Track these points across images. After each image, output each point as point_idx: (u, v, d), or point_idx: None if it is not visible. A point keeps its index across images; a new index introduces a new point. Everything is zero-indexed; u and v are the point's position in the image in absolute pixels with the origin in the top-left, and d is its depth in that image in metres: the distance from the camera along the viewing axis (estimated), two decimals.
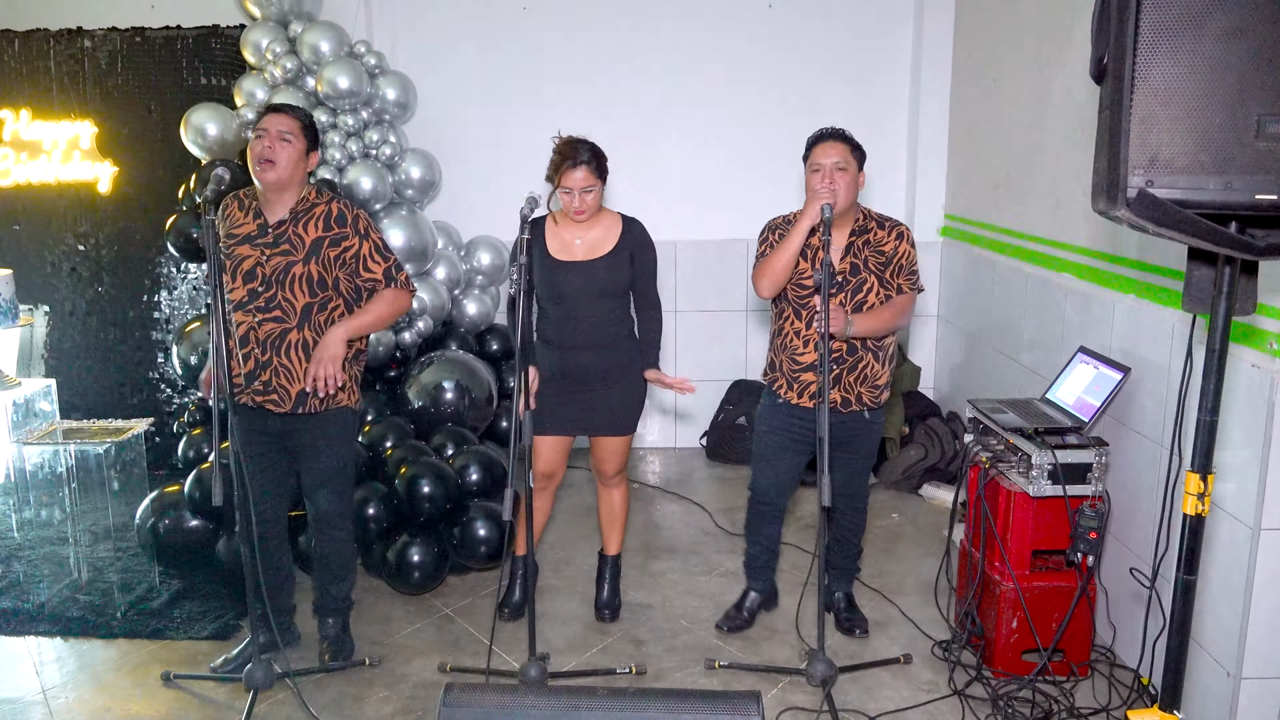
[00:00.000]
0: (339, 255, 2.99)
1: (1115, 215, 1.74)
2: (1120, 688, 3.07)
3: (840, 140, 3.12)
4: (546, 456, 3.41)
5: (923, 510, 4.63)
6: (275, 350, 2.99)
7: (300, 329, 2.99)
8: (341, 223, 3.00)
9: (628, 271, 3.31)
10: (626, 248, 3.30)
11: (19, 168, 5.08)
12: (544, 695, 1.82)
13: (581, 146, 3.17)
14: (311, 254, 2.96)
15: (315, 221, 2.99)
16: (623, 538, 3.68)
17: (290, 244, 2.97)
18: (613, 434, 3.43)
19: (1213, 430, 1.92)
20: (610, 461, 3.50)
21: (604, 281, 3.26)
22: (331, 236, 2.99)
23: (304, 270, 2.95)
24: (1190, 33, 1.65)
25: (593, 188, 3.17)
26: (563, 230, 3.29)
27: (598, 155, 3.20)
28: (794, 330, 3.21)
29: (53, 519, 4.46)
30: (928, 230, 5.29)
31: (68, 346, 5.28)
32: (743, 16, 5.23)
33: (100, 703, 3.12)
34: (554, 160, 3.18)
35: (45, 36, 5.06)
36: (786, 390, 3.26)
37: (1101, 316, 3.45)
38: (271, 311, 2.97)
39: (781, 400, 3.28)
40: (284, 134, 2.91)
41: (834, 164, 3.07)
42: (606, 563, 3.66)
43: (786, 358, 3.25)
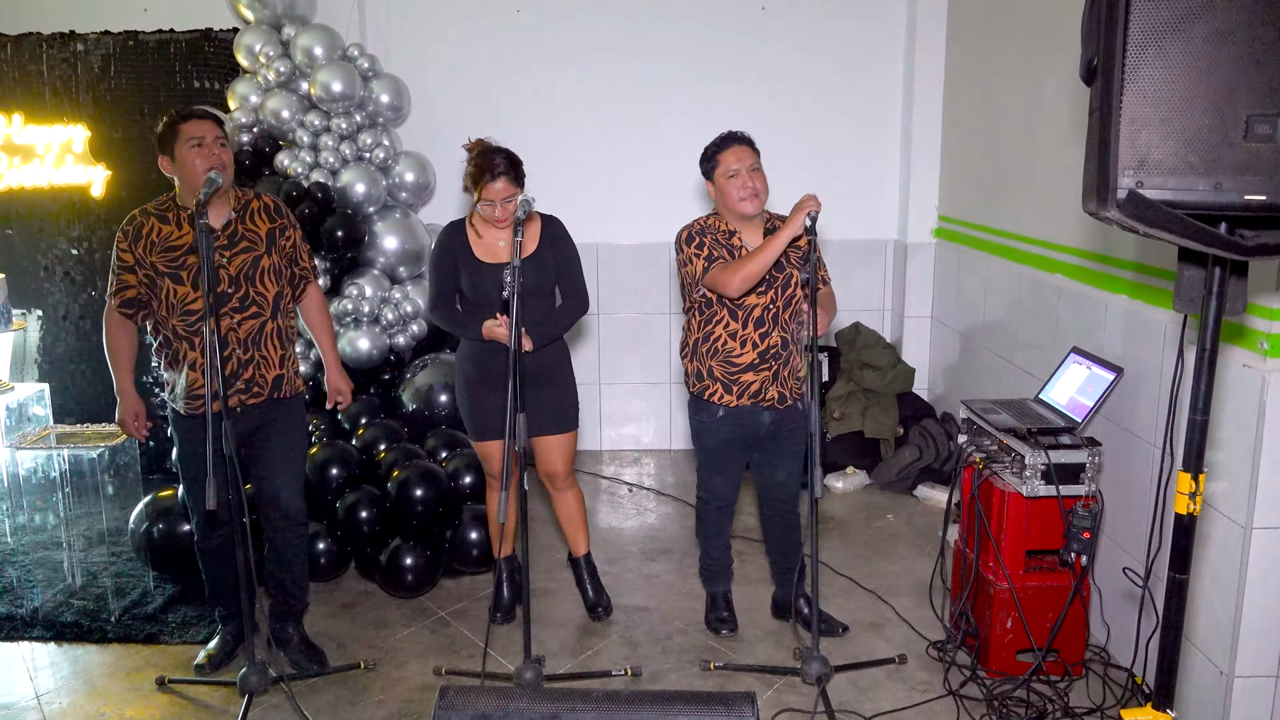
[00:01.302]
0: (284, 245, 3.16)
1: (1106, 216, 1.74)
2: (1114, 687, 3.07)
3: (748, 144, 3.19)
4: (498, 458, 3.42)
5: (917, 511, 4.64)
6: (256, 345, 3.07)
7: (274, 318, 3.12)
8: (279, 214, 3.18)
9: (553, 269, 3.35)
10: (549, 245, 3.35)
11: (12, 172, 5.06)
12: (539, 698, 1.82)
13: (497, 157, 3.19)
14: (270, 245, 3.10)
15: (258, 215, 3.12)
16: (588, 535, 3.67)
17: (248, 240, 3.06)
18: (557, 431, 3.43)
19: (1204, 430, 1.92)
20: (558, 462, 3.47)
21: (533, 281, 3.28)
22: (278, 227, 3.15)
23: (270, 262, 3.09)
24: (1179, 34, 1.65)
25: (513, 196, 3.19)
26: (486, 232, 3.31)
27: (514, 164, 3.22)
28: (729, 333, 3.20)
29: (46, 524, 4.45)
30: (921, 231, 5.31)
31: (61, 351, 5.27)
32: (736, 18, 5.24)
33: (94, 708, 3.11)
34: (471, 173, 3.22)
35: (38, 40, 5.05)
36: (724, 395, 3.23)
37: (1094, 317, 3.46)
38: (248, 309, 3.05)
39: (721, 411, 3.25)
40: (219, 139, 2.98)
41: (750, 167, 3.13)
42: (580, 565, 3.67)
43: (719, 362, 3.22)
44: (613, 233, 5.40)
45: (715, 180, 3.20)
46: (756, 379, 3.20)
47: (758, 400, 3.22)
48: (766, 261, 3.01)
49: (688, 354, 3.34)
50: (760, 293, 3.15)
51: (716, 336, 3.22)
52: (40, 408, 4.41)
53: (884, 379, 5.01)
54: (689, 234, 3.24)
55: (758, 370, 3.20)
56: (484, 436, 3.41)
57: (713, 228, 3.23)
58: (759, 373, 3.20)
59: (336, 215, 4.35)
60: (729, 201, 3.16)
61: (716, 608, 3.57)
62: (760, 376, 3.20)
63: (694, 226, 3.26)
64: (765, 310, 3.17)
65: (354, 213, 4.41)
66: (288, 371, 3.17)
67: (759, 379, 3.21)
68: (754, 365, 3.19)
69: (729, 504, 3.48)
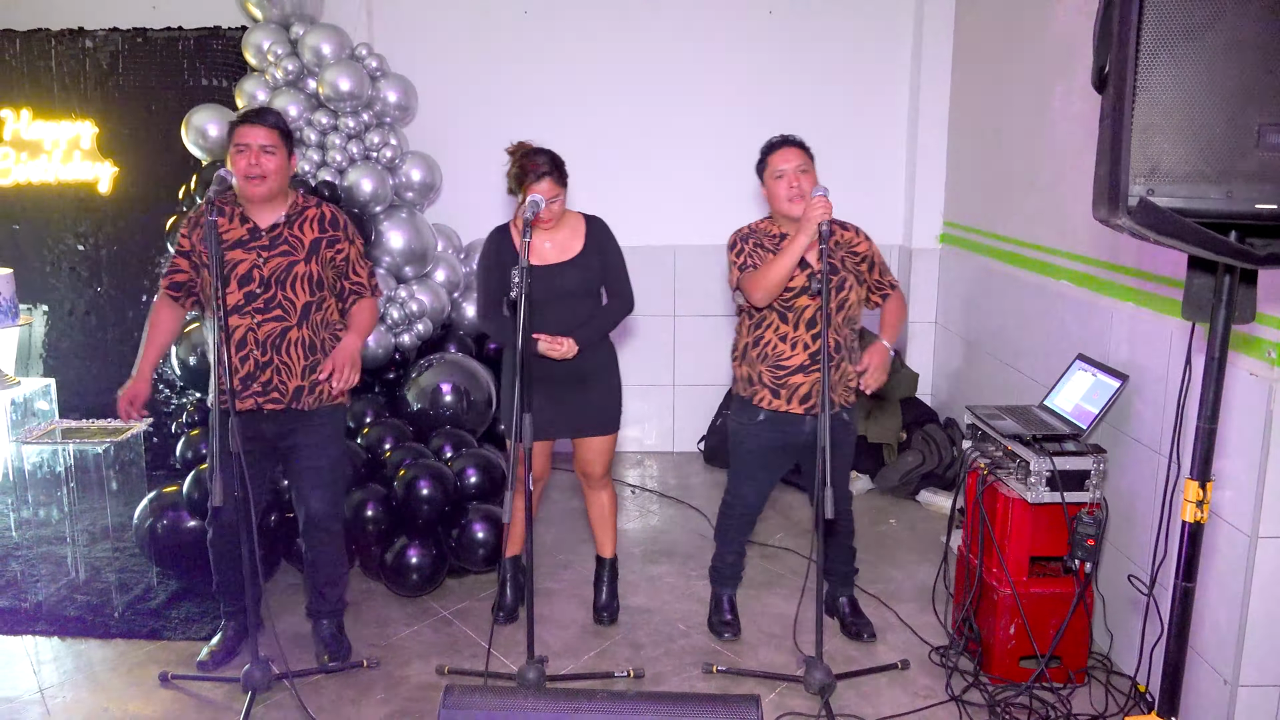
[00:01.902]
0: (332, 257, 3.13)
1: (1116, 223, 1.74)
2: (1117, 695, 3.07)
3: (798, 146, 3.18)
4: (533, 461, 3.42)
5: (920, 516, 4.64)
6: (275, 349, 3.05)
7: (300, 326, 3.07)
8: (335, 226, 3.14)
9: (599, 270, 3.35)
10: (594, 246, 3.35)
11: (19, 167, 5.08)
12: (543, 698, 1.82)
13: (541, 157, 3.20)
14: (311, 254, 3.07)
15: (310, 223, 3.10)
16: (615, 539, 3.68)
17: (289, 245, 3.05)
18: (597, 434, 3.43)
19: (1212, 438, 1.93)
20: (596, 463, 3.49)
21: (577, 282, 3.29)
22: (328, 238, 3.12)
23: (305, 270, 3.05)
24: (1191, 42, 1.66)
25: (558, 197, 3.21)
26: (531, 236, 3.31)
27: (558, 164, 3.23)
28: (778, 336, 3.20)
29: (51, 518, 4.46)
30: (926, 237, 5.31)
31: (66, 346, 5.28)
32: (743, 22, 5.24)
33: (98, 703, 3.12)
34: (515, 173, 3.23)
35: (47, 36, 5.06)
36: (771, 400, 3.23)
37: (1100, 324, 3.46)
38: (272, 312, 3.03)
39: (764, 415, 3.24)
40: (266, 148, 2.97)
41: (797, 168, 3.12)
42: (604, 565, 3.66)
43: (768, 367, 3.21)
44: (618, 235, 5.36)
45: (765, 181, 3.20)
46: (806, 381, 3.17)
47: (809, 406, 3.17)
48: (784, 268, 3.03)
49: (738, 358, 3.34)
50: (812, 295, 3.13)
51: (766, 340, 3.22)
52: (45, 403, 4.42)
53: (887, 384, 5.00)
54: (734, 240, 3.26)
55: (807, 372, 3.16)
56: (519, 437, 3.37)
57: (763, 231, 3.24)
58: (809, 375, 3.16)
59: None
60: (776, 202, 3.17)
61: (720, 610, 3.57)
62: (810, 379, 3.16)
63: (741, 232, 3.26)
64: (818, 311, 3.14)
65: (360, 211, 4.42)
66: (309, 385, 3.10)
67: (809, 381, 3.16)
68: (804, 367, 3.17)
69: (754, 512, 3.46)
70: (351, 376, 3.08)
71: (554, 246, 3.32)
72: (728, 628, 3.51)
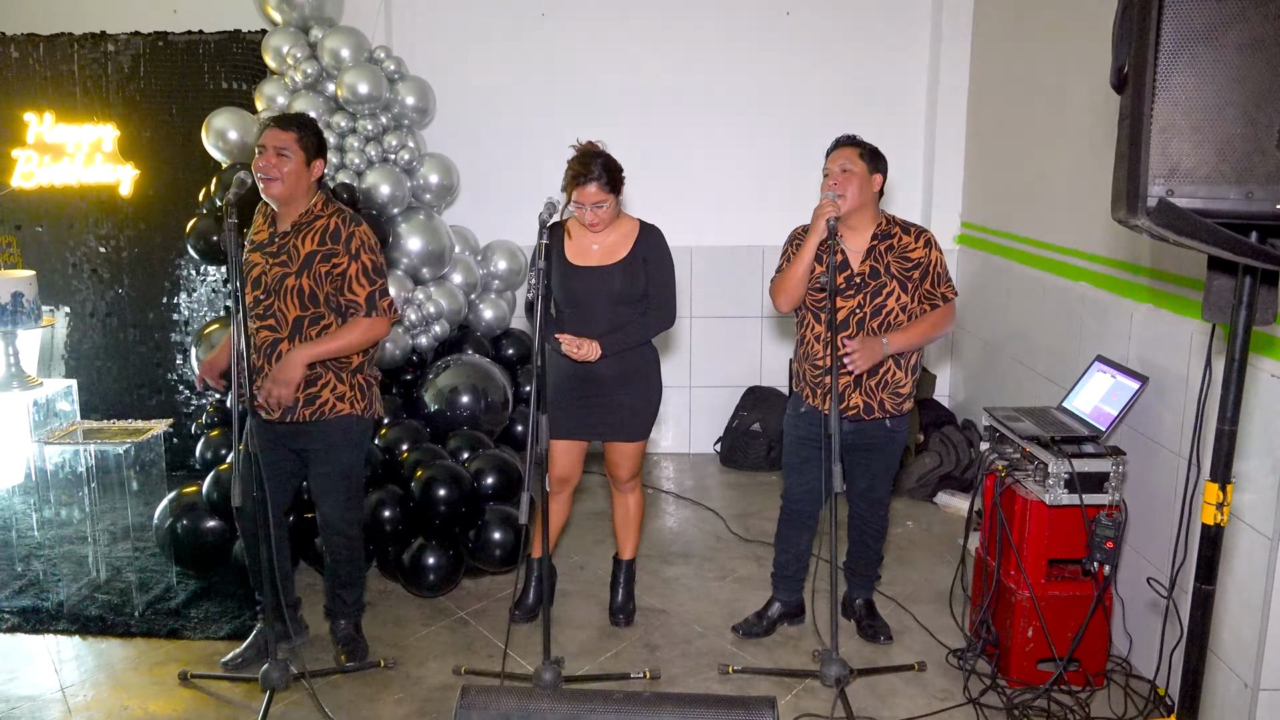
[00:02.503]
0: (328, 271, 3.01)
1: (1135, 224, 1.74)
2: (1136, 698, 3.05)
3: (850, 145, 3.17)
4: (562, 461, 3.42)
5: (937, 518, 4.62)
6: (268, 358, 3.05)
7: (291, 340, 3.03)
8: (335, 239, 3.01)
9: (643, 277, 3.32)
10: (641, 254, 3.32)
11: (42, 170, 5.13)
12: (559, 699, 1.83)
13: (594, 162, 3.19)
14: (304, 268, 3.00)
15: (313, 235, 3.02)
16: (638, 542, 3.68)
17: (288, 255, 3.01)
18: (627, 439, 3.43)
19: (1232, 440, 1.91)
20: (624, 466, 3.50)
21: (619, 287, 3.28)
22: (324, 252, 3.00)
23: (295, 283, 3.00)
24: (1211, 43, 1.65)
25: (604, 202, 3.21)
26: (580, 235, 3.32)
27: (610, 170, 3.22)
28: (814, 336, 3.22)
29: (72, 518, 4.50)
30: (944, 238, 5.28)
31: (88, 347, 5.32)
32: (761, 23, 5.24)
33: (118, 701, 3.14)
34: (568, 174, 3.22)
35: (69, 40, 5.11)
36: (812, 398, 3.27)
37: (1119, 325, 3.44)
38: (267, 320, 3.04)
39: (805, 409, 3.29)
40: (280, 149, 2.95)
41: (840, 168, 3.12)
42: (621, 567, 3.67)
43: (808, 365, 3.25)
44: None
45: None
46: (839, 383, 3.16)
47: (840, 407, 3.16)
48: (798, 269, 3.05)
49: (795, 356, 3.37)
50: (847, 296, 3.13)
51: (806, 340, 3.25)
52: (67, 403, 4.46)
53: None
54: (790, 236, 3.27)
55: (839, 374, 3.15)
56: (553, 435, 3.34)
57: None
58: (840, 376, 3.15)
59: (361, 216, 4.37)
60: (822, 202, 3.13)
61: (760, 613, 3.55)
62: (842, 381, 3.15)
63: (796, 231, 3.27)
64: (851, 314, 3.15)
65: (378, 214, 4.44)
66: (303, 399, 3.06)
67: (840, 384, 3.16)
68: None
69: (800, 510, 3.41)
70: (279, 393, 2.97)
71: (601, 249, 3.31)
72: (747, 626, 3.51)
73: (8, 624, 3.62)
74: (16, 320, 4.24)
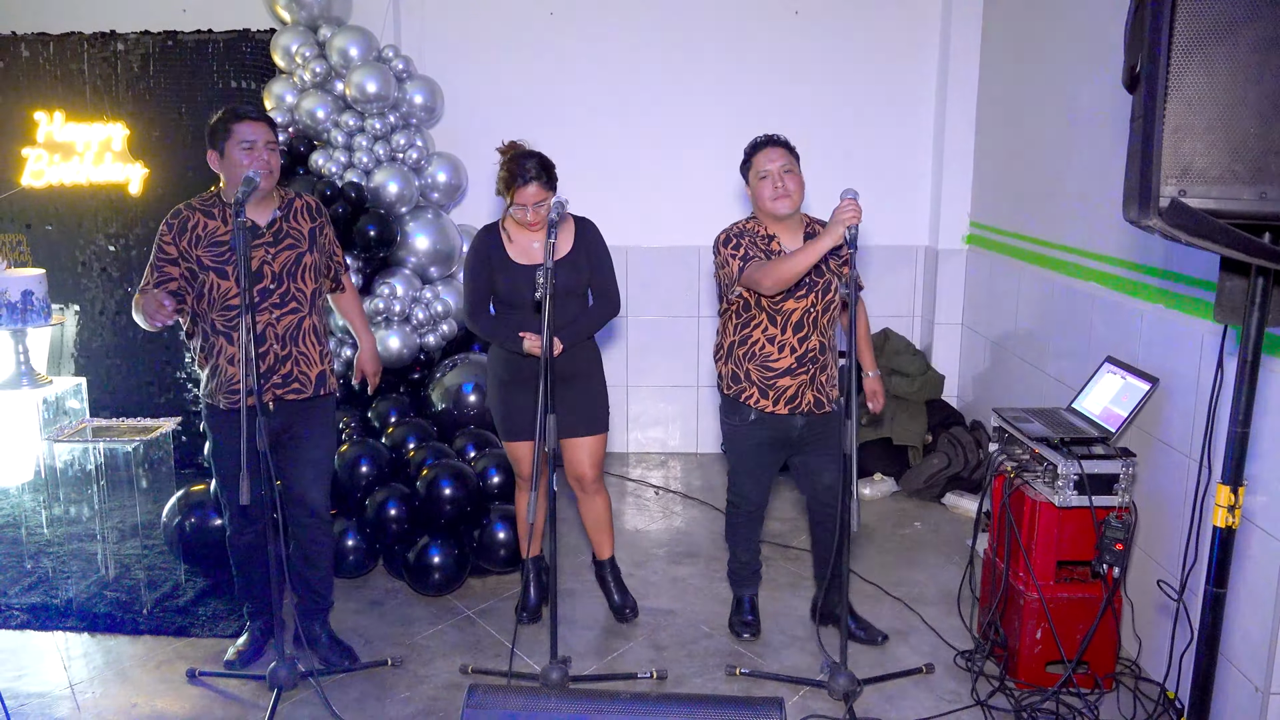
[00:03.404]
0: (325, 242, 3.24)
1: (1147, 224, 1.73)
2: (1146, 701, 3.04)
3: (781, 145, 3.19)
4: (527, 460, 3.42)
5: (945, 519, 4.61)
6: (294, 341, 3.10)
7: (311, 314, 3.17)
8: (320, 213, 3.24)
9: (586, 270, 3.36)
10: (583, 248, 3.36)
11: (52, 169, 5.14)
12: (566, 699, 1.83)
13: (529, 161, 3.20)
14: (312, 243, 3.16)
15: (301, 214, 3.17)
16: (613, 539, 3.67)
17: (293, 238, 3.11)
18: (587, 433, 3.43)
19: (1244, 442, 1.90)
20: (587, 464, 3.46)
21: (566, 282, 3.29)
22: (318, 225, 3.21)
23: (311, 259, 3.14)
24: (1225, 42, 1.63)
25: (544, 201, 3.22)
26: (519, 235, 3.32)
27: (546, 168, 3.24)
28: (767, 337, 3.20)
29: (81, 516, 4.52)
30: (953, 238, 5.27)
31: (97, 346, 5.34)
32: (768, 23, 5.23)
33: (126, 698, 3.15)
34: (503, 177, 3.24)
35: (79, 39, 5.12)
36: (760, 399, 3.23)
37: (1129, 326, 3.43)
38: (288, 305, 3.09)
39: (753, 414, 3.26)
40: (270, 143, 3.01)
41: (781, 168, 3.13)
42: (605, 568, 3.67)
43: (756, 366, 3.22)
44: (643, 235, 5.40)
45: (749, 181, 3.23)
46: (794, 384, 3.20)
47: (794, 406, 3.22)
48: (803, 265, 2.98)
49: (722, 357, 3.33)
50: (799, 296, 3.14)
51: (754, 340, 3.22)
52: (77, 401, 4.48)
53: (913, 386, 4.98)
54: (726, 237, 3.24)
55: (794, 375, 3.19)
56: (514, 437, 3.42)
57: (750, 231, 3.23)
58: (795, 377, 3.19)
59: (369, 215, 4.38)
60: (761, 202, 3.18)
61: (741, 611, 3.56)
62: (797, 381, 3.19)
63: (732, 229, 3.26)
64: (805, 314, 3.16)
65: (386, 213, 4.45)
66: (327, 368, 3.20)
67: (796, 384, 3.20)
68: (791, 370, 3.19)
69: (759, 509, 3.48)
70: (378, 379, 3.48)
71: (543, 247, 3.30)
72: (747, 628, 3.51)
73: (17, 621, 3.63)
74: (27, 318, 4.25)
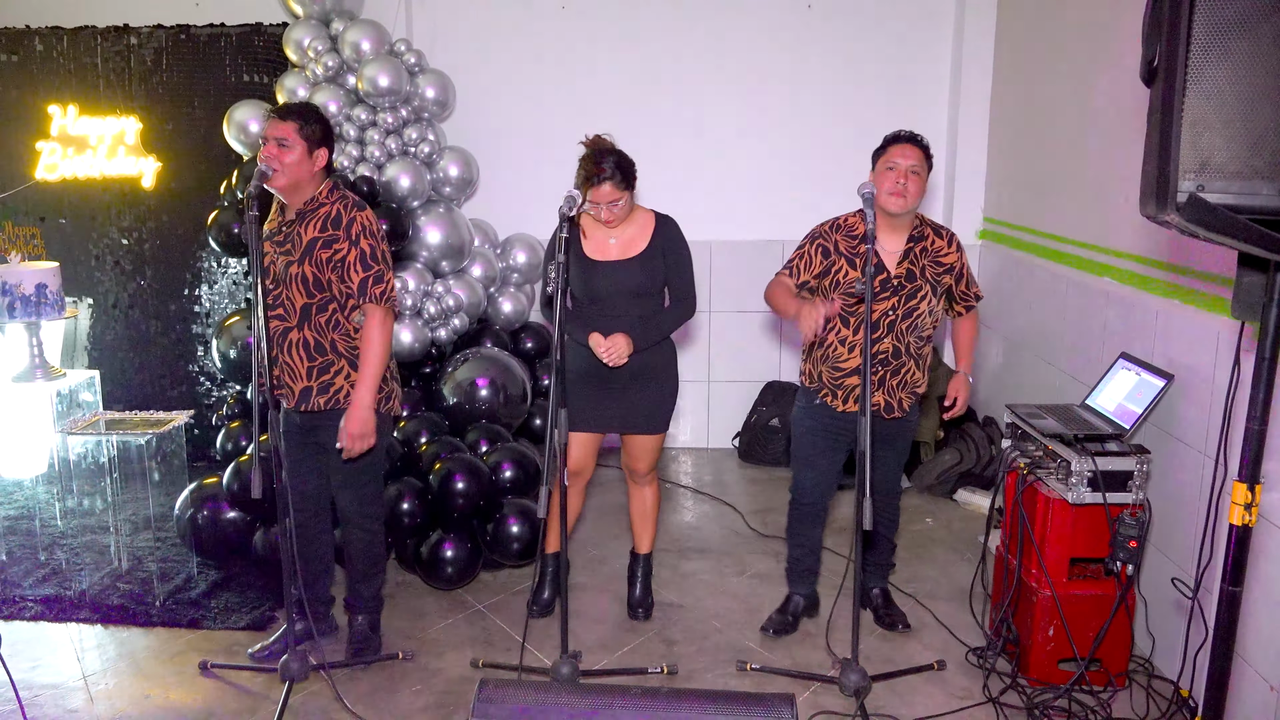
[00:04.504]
0: (330, 258, 2.98)
1: (1165, 220, 1.71)
2: (1159, 699, 3.02)
3: (917, 145, 3.13)
4: (577, 453, 3.42)
5: (957, 515, 4.59)
6: (280, 348, 3.06)
7: (300, 329, 3.04)
8: (336, 225, 2.99)
9: (662, 269, 3.32)
10: (659, 246, 3.32)
11: (66, 162, 5.16)
12: (578, 693, 1.83)
13: (606, 160, 3.16)
14: (306, 255, 2.98)
15: (315, 222, 3.01)
16: (654, 536, 3.68)
17: (292, 244, 3.02)
18: (647, 432, 3.43)
19: (1261, 439, 1.88)
20: (642, 459, 3.50)
21: (639, 280, 3.27)
22: (325, 238, 2.99)
23: (299, 271, 2.99)
24: (1245, 35, 1.61)
25: (619, 200, 3.19)
26: (596, 230, 3.31)
27: (623, 167, 3.19)
28: (839, 339, 3.21)
29: (94, 508, 4.54)
30: (966, 233, 5.24)
31: (110, 339, 5.36)
32: (782, 16, 5.21)
33: (139, 690, 3.17)
34: (581, 173, 3.20)
35: (93, 33, 5.14)
36: (831, 399, 3.26)
37: (1144, 322, 3.40)
38: (276, 309, 3.04)
39: (819, 400, 3.29)
40: (280, 140, 2.94)
41: (910, 166, 3.08)
42: (639, 561, 3.67)
43: (828, 368, 3.24)
44: None
45: (876, 168, 3.15)
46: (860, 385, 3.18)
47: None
48: (782, 313, 3.13)
49: (805, 355, 3.37)
50: (882, 299, 3.13)
51: (828, 343, 3.24)
52: (90, 394, 4.49)
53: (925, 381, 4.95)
54: (813, 233, 3.26)
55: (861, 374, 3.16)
56: (570, 427, 3.32)
57: (847, 229, 3.20)
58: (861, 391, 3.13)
59: (381, 209, 4.38)
60: (879, 193, 3.09)
61: (783, 610, 3.55)
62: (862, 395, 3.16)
63: (823, 225, 3.25)
64: (883, 317, 3.15)
65: (398, 206, 4.44)
66: (317, 386, 3.07)
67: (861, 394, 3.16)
68: (859, 370, 3.17)
69: (817, 505, 3.42)
70: (362, 444, 3.01)
71: (619, 243, 3.30)
72: (772, 624, 3.50)
73: (31, 612, 3.66)
74: (40, 311, 4.27)
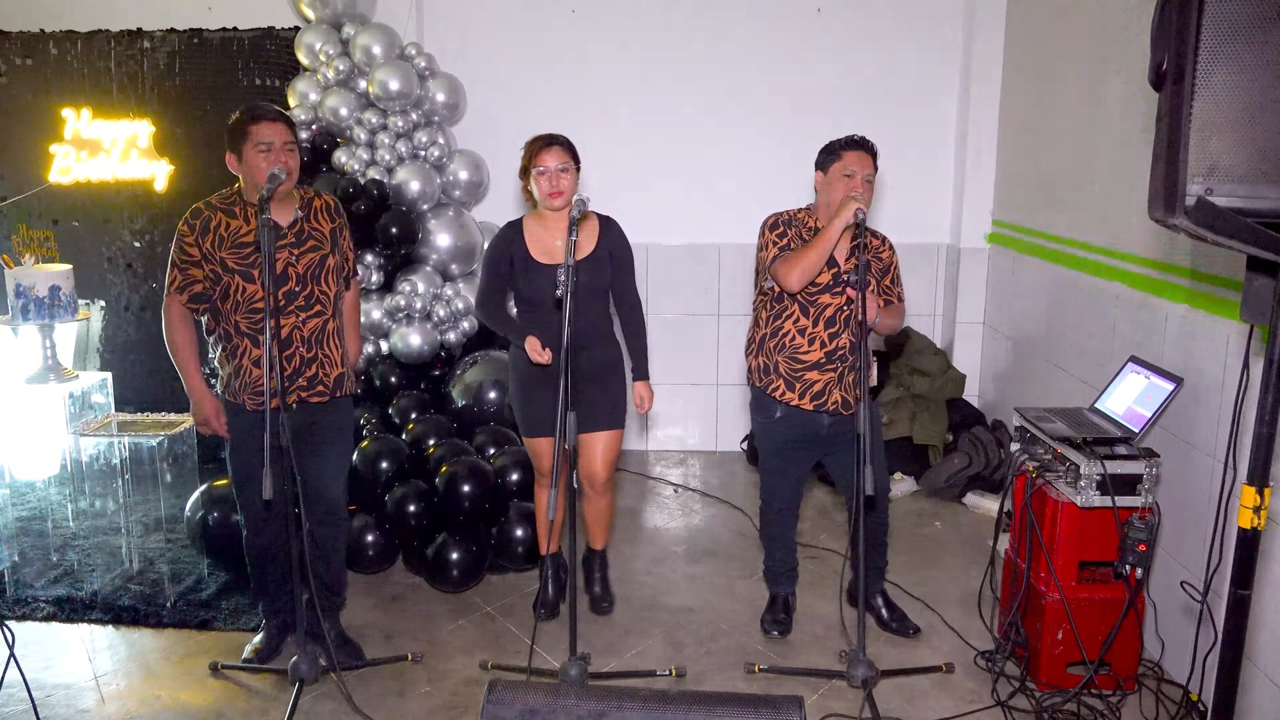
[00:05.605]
0: (342, 244, 3.18)
1: (1173, 223, 1.71)
2: (1169, 703, 3.01)
3: (869, 152, 3.17)
4: (548, 455, 3.43)
5: (966, 519, 4.59)
6: (319, 344, 3.09)
7: (335, 317, 3.14)
8: (339, 214, 3.18)
9: (609, 271, 3.36)
10: (606, 247, 3.36)
11: (79, 165, 5.20)
12: (587, 695, 1.83)
13: (554, 135, 3.25)
14: (333, 244, 3.11)
15: (321, 214, 3.12)
16: (609, 534, 3.72)
17: (315, 239, 3.07)
18: (608, 427, 3.44)
19: (1271, 443, 1.88)
20: (600, 461, 3.45)
21: (588, 282, 3.28)
22: (338, 225, 3.16)
23: (334, 261, 3.10)
24: (1254, 39, 1.62)
25: (567, 166, 3.22)
26: (543, 233, 3.32)
27: (569, 141, 3.26)
28: (798, 329, 3.21)
29: (106, 509, 4.56)
30: (975, 237, 5.24)
31: (122, 340, 5.40)
32: (791, 20, 5.22)
33: (150, 691, 3.18)
34: (527, 150, 3.25)
35: (106, 37, 5.18)
36: (786, 392, 3.25)
37: (1153, 325, 3.40)
38: (313, 308, 3.05)
39: (779, 411, 3.28)
40: (289, 144, 2.97)
41: (866, 175, 3.13)
42: (595, 557, 3.72)
43: (785, 358, 3.24)
44: (663, 233, 5.40)
45: (829, 173, 3.16)
46: (821, 379, 3.21)
47: (820, 403, 3.23)
48: (822, 252, 3.03)
49: (753, 350, 3.36)
50: (836, 293, 3.15)
51: (785, 332, 3.24)
52: (102, 396, 4.52)
53: (934, 385, 4.96)
54: (775, 221, 3.25)
55: (823, 370, 3.20)
56: (535, 433, 3.43)
57: (800, 221, 3.23)
58: (824, 373, 3.21)
59: (391, 212, 4.40)
60: (833, 196, 3.13)
61: (774, 609, 3.57)
62: (825, 377, 3.21)
63: (782, 215, 3.26)
64: (838, 311, 3.17)
65: (408, 210, 4.47)
66: (348, 369, 3.20)
67: (823, 380, 3.21)
68: (819, 364, 3.20)
69: (790, 506, 3.48)
70: None
71: (564, 245, 3.30)
72: (776, 625, 3.51)
73: (43, 613, 3.68)
74: (54, 314, 4.30)
